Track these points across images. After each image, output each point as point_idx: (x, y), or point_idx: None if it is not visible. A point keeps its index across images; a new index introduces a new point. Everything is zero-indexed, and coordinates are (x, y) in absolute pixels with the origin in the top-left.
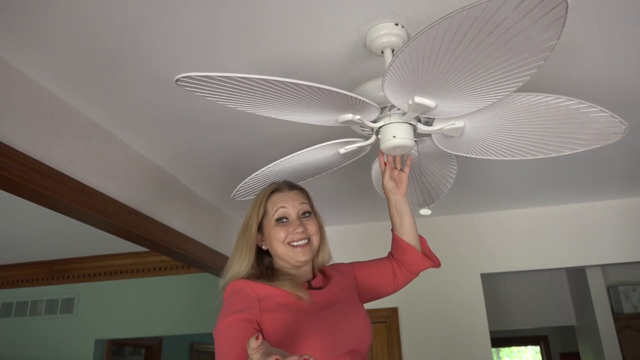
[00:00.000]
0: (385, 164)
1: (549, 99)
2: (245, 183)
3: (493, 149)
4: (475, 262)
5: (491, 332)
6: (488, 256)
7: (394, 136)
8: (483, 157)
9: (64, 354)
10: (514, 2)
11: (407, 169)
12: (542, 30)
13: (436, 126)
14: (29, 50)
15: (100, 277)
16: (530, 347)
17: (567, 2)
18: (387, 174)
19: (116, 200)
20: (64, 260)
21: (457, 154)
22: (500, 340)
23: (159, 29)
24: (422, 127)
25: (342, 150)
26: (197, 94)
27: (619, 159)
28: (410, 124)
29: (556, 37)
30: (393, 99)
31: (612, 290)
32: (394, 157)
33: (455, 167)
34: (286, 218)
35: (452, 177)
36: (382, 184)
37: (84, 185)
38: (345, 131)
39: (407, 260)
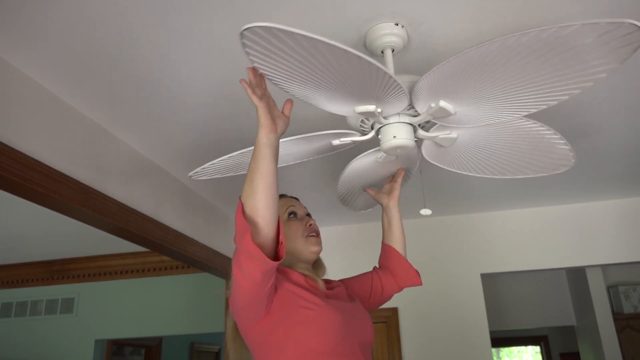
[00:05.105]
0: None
1: (528, 123)
2: (221, 160)
3: (468, 165)
4: (475, 262)
5: (491, 332)
6: (488, 256)
7: (394, 136)
8: (456, 171)
9: (64, 354)
10: (588, 30)
11: (398, 179)
12: (601, 56)
13: (432, 133)
14: (29, 50)
15: (100, 277)
16: (530, 347)
17: None
18: (383, 189)
19: (116, 200)
20: (64, 260)
21: (438, 164)
22: (500, 340)
23: (158, 29)
24: (420, 132)
25: (336, 142)
26: (251, 56)
27: (619, 159)
28: (411, 124)
29: (617, 62)
30: (417, 98)
31: (612, 290)
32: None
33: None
34: (295, 213)
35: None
36: (376, 196)
37: (84, 185)
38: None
39: (393, 267)
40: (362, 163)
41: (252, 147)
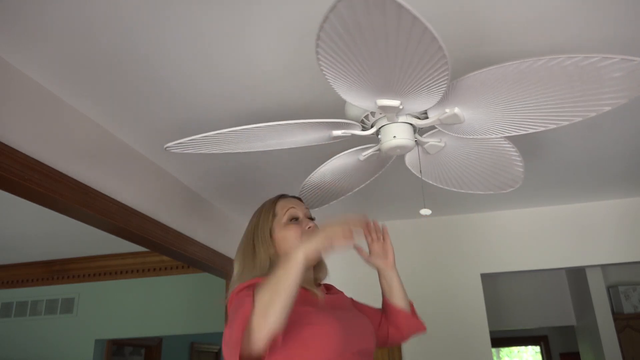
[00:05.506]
0: (363, 249)
1: (504, 142)
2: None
3: (439, 178)
4: (475, 262)
5: (491, 332)
6: (488, 256)
7: (394, 136)
8: (424, 179)
9: (64, 354)
10: (624, 65)
11: (387, 238)
12: (618, 90)
13: (425, 138)
14: (29, 50)
15: (100, 277)
16: (530, 347)
17: None
18: (372, 250)
19: (116, 200)
20: (64, 260)
21: (412, 169)
22: (500, 340)
23: (158, 28)
24: (415, 135)
25: (338, 133)
26: (326, 23)
27: (619, 159)
28: (411, 124)
29: (627, 99)
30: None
31: (612, 290)
32: (373, 230)
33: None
34: (297, 218)
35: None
36: (370, 260)
37: (84, 185)
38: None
39: (398, 323)
40: (340, 162)
41: (227, 130)
